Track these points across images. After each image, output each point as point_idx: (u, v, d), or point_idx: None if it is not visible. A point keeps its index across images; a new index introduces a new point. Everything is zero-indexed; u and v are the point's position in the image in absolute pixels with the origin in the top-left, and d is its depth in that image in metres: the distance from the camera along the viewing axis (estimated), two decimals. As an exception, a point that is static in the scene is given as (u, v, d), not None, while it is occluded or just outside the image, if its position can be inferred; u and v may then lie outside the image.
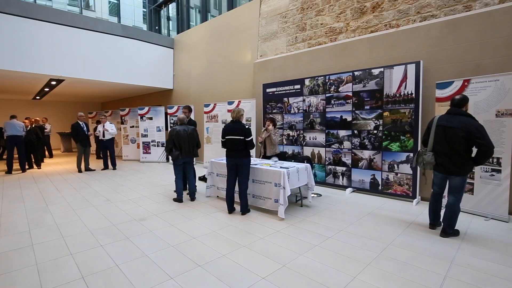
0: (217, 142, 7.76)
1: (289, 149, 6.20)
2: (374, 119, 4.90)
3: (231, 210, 4.05)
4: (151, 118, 9.24)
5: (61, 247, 3.02)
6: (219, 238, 3.19)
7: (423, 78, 4.46)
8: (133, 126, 9.99)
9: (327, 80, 5.54)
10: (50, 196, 5.13)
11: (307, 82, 5.86)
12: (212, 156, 7.29)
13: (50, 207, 4.43)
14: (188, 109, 5.58)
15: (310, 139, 5.84)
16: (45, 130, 10.34)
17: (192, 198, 4.75)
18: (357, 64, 5.36)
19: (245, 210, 3.98)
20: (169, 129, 8.81)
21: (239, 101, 7.05)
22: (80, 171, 7.49)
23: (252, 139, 3.89)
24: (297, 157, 5.41)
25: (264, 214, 4.00)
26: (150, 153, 9.29)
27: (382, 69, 4.80)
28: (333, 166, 5.50)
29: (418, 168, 4.32)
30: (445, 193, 3.39)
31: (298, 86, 6.03)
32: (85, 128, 7.55)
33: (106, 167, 7.97)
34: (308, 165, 4.36)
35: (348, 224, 3.60)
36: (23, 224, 3.72)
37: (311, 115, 5.79)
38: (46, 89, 10.65)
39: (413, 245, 2.99)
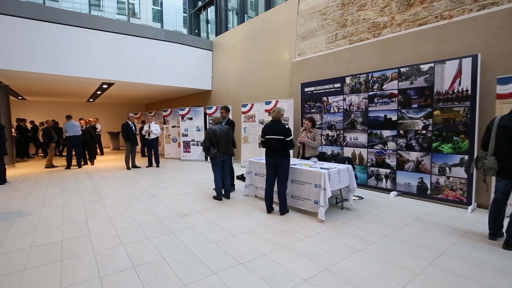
0: (255, 142, 7.84)
1: (328, 150, 6.04)
2: (422, 118, 4.58)
3: (269, 209, 4.05)
4: (191, 118, 9.61)
5: (114, 237, 3.26)
6: (259, 237, 3.21)
7: (481, 73, 4.05)
8: (174, 126, 10.49)
9: (369, 78, 5.29)
10: (103, 190, 5.58)
11: (348, 80, 5.66)
12: (249, 156, 7.38)
13: (103, 200, 4.82)
14: (226, 109, 5.69)
15: (350, 139, 5.63)
16: (97, 130, 11.27)
17: (227, 196, 4.84)
18: (403, 60, 5.05)
19: (284, 210, 3.96)
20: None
21: (277, 101, 7.04)
22: (128, 168, 8.05)
23: (292, 139, 3.86)
24: (338, 158, 5.25)
25: (303, 215, 3.94)
26: (190, 152, 9.67)
27: (432, 65, 4.46)
28: (375, 168, 5.24)
29: (475, 172, 3.94)
30: (510, 200, 3.05)
31: (338, 85, 5.84)
32: (133, 128, 8.10)
33: (150, 164, 8.46)
34: (350, 166, 4.21)
35: (393, 230, 3.40)
36: (81, 214, 4.09)
37: (352, 115, 5.58)
38: (98, 92, 11.61)
39: (470, 256, 2.73)
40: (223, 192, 4.85)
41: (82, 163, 8.71)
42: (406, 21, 5.18)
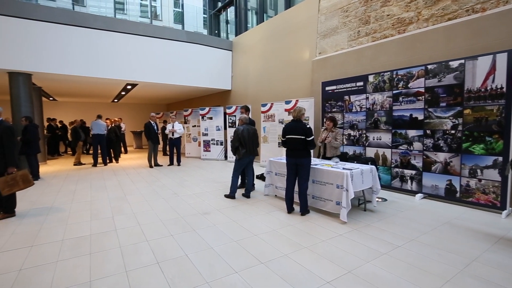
0: (274, 142, 7.81)
1: (349, 150, 5.91)
2: (451, 118, 4.37)
3: (290, 210, 4.02)
4: (211, 118, 9.73)
5: (139, 233, 3.36)
6: (280, 237, 3.20)
7: (518, 69, 3.81)
8: (195, 126, 10.67)
9: (394, 76, 5.12)
10: (127, 187, 5.77)
11: (371, 78, 5.50)
12: (269, 155, 7.36)
13: (127, 197, 4.99)
14: (245, 108, 5.73)
15: (373, 139, 5.48)
16: (121, 129, 11.68)
17: (248, 195, 4.86)
18: (430, 56, 4.84)
19: (304, 211, 3.92)
20: (227, 128, 9.18)
21: (297, 100, 6.98)
22: (151, 166, 8.28)
23: (313, 138, 3.80)
24: (360, 158, 5.12)
25: (324, 216, 3.88)
26: (210, 151, 9.80)
27: (462, 61, 4.24)
28: (400, 169, 5.07)
29: (510, 174, 3.71)
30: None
31: (360, 83, 5.70)
32: (155, 127, 8.32)
33: (171, 163, 8.66)
34: (373, 167, 4.09)
35: (420, 234, 3.27)
36: (107, 210, 4.26)
37: (375, 114, 5.42)
38: (123, 93, 12.04)
39: (506, 264, 2.57)
40: (242, 194, 4.88)
41: (108, 161, 9.06)
42: (433, 16, 4.96)
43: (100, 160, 8.91)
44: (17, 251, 2.93)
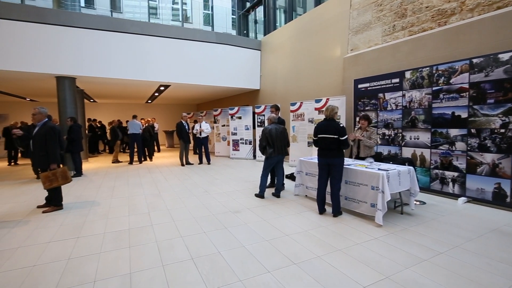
0: (303, 141, 7.71)
1: (384, 150, 5.66)
2: (501, 115, 4.01)
3: (321, 210, 3.94)
4: (240, 118, 9.83)
5: (173, 229, 3.48)
6: (312, 238, 3.14)
7: None
8: (224, 125, 10.85)
9: (434, 71, 4.81)
10: (161, 184, 6.01)
11: (408, 74, 5.23)
12: (298, 155, 7.28)
13: (162, 194, 5.19)
14: (276, 108, 5.70)
15: (410, 138, 5.20)
16: (155, 129, 12.19)
17: (278, 195, 4.84)
18: (476, 49, 4.48)
19: (337, 212, 3.82)
20: (256, 128, 9.21)
21: (327, 99, 6.82)
22: (182, 164, 8.56)
23: (347, 138, 3.69)
24: (397, 159, 4.88)
25: (358, 218, 3.75)
26: (239, 150, 9.91)
27: (514, 53, 3.88)
28: (440, 171, 4.76)
29: None
30: None
31: (396, 80, 5.43)
32: (187, 127, 8.59)
33: (201, 161, 8.87)
34: (412, 168, 3.88)
35: (465, 240, 3.04)
36: (144, 206, 4.46)
37: (413, 112, 5.14)
38: (156, 94, 12.55)
39: None
40: (272, 194, 4.88)
41: (143, 159, 9.51)
42: (480, 6, 4.59)
43: (135, 158, 9.37)
44: (65, 241, 3.17)
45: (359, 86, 6.22)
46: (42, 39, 7.14)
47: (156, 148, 12.52)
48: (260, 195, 4.79)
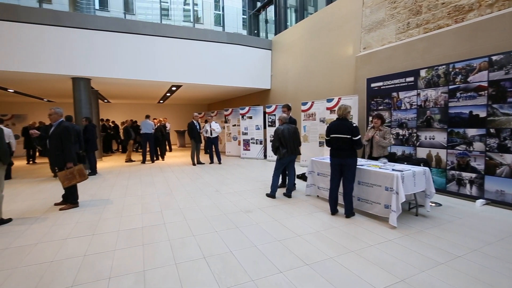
0: (315, 141, 7.65)
1: (398, 150, 5.54)
2: (522, 115, 3.86)
3: (334, 211, 3.89)
4: (250, 117, 9.83)
5: (185, 228, 3.51)
6: (324, 239, 3.11)
7: None
8: (235, 125, 10.88)
9: (450, 69, 4.68)
10: (173, 184, 6.08)
11: (423, 73, 5.10)
12: (310, 155, 7.23)
13: (174, 193, 5.25)
14: (288, 107, 5.68)
15: (425, 138, 5.07)
16: (167, 128, 12.34)
17: (289, 195, 4.81)
18: (495, 46, 4.33)
19: (349, 213, 3.76)
20: (267, 127, 9.20)
21: (339, 98, 6.74)
22: (193, 164, 8.64)
23: (360, 138, 3.63)
24: (411, 159, 4.78)
25: (371, 220, 3.69)
26: (249, 150, 9.91)
27: (537, 50, 3.73)
28: (457, 172, 4.62)
29: None
30: None
31: (411, 79, 5.31)
32: (198, 127, 8.66)
33: (212, 161, 8.93)
34: (427, 169, 3.78)
35: (484, 244, 2.94)
36: (156, 205, 4.52)
37: (428, 111, 5.01)
38: (168, 94, 12.71)
39: None
40: (283, 194, 4.87)
41: (155, 158, 9.65)
42: (499, 1, 4.43)
43: (148, 157, 9.52)
44: (81, 238, 3.25)
45: (372, 85, 6.11)
46: (58, 41, 7.34)
47: (168, 147, 12.68)
48: (272, 195, 4.77)
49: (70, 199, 4.47)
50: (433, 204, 4.19)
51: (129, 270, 2.52)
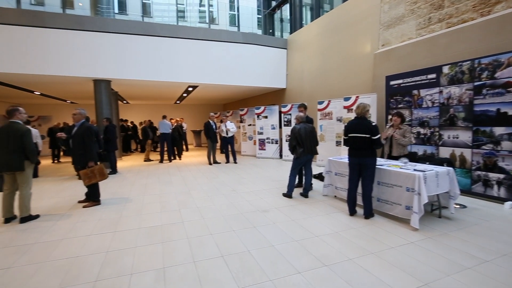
0: (331, 140, 7.54)
1: (419, 149, 5.37)
2: (555, 112, 3.64)
3: (352, 212, 3.82)
4: (266, 117, 9.82)
5: (203, 227, 3.55)
6: (343, 240, 3.05)
7: None
8: (250, 125, 10.91)
9: (476, 65, 4.48)
10: (190, 183, 6.17)
11: (445, 69, 4.91)
12: (326, 154, 7.13)
13: (191, 192, 5.33)
14: (304, 106, 5.62)
15: (448, 137, 4.88)
16: (183, 128, 12.54)
17: (306, 195, 4.77)
18: (526, 40, 4.11)
19: (369, 214, 3.68)
20: (282, 127, 9.16)
21: (357, 97, 6.61)
22: (210, 163, 8.73)
23: (379, 137, 3.55)
24: (434, 159, 4.61)
25: (391, 221, 3.59)
26: (265, 149, 9.91)
27: None
28: (483, 172, 4.42)
29: None
30: None
31: (432, 76, 5.13)
32: (214, 126, 8.74)
33: (228, 160, 8.99)
34: (451, 169, 3.64)
35: (514, 248, 2.80)
36: (174, 204, 4.60)
37: (451, 109, 4.82)
38: (184, 95, 12.91)
39: None
40: (300, 194, 4.83)
41: (172, 157, 9.83)
42: (530, -8, 4.20)
43: (165, 156, 9.71)
44: (103, 235, 3.35)
45: (391, 82, 5.95)
46: (81, 45, 7.62)
47: (184, 147, 12.88)
48: (288, 194, 4.75)
49: (92, 197, 4.63)
50: (458, 206, 4.03)
51: (149, 267, 2.57)
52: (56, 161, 10.28)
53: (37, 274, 2.50)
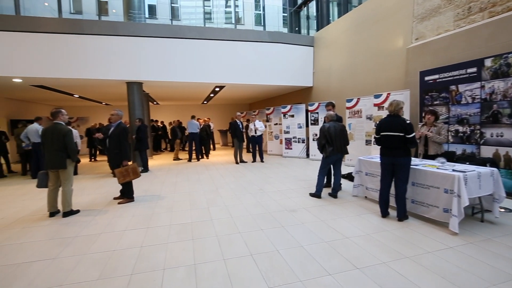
0: (361, 139, 7.31)
1: (457, 149, 5.04)
2: None
3: (384, 214, 3.67)
4: (292, 116, 9.74)
5: (232, 225, 3.60)
6: (375, 243, 2.94)
7: None
8: (276, 124, 10.87)
9: (524, 57, 4.11)
10: (218, 181, 6.27)
11: (488, 62, 4.56)
12: (355, 154, 6.93)
13: (219, 190, 5.42)
14: (332, 105, 5.50)
15: (492, 136, 4.53)
16: (211, 128, 12.78)
17: (335, 195, 4.66)
18: None
19: (402, 216, 3.51)
20: (309, 126, 9.02)
21: (388, 94, 6.34)
22: (237, 162, 8.83)
23: (414, 136, 3.37)
24: (475, 159, 4.31)
25: (427, 224, 3.40)
26: (291, 148, 9.83)
27: None
28: (532, 173, 4.05)
29: None
30: None
31: (473, 69, 4.78)
32: (240, 126, 8.82)
33: (254, 160, 9.03)
34: (496, 169, 3.37)
35: None
36: (203, 201, 4.71)
37: (495, 105, 4.46)
38: (211, 95, 13.16)
39: None
40: (329, 194, 4.74)
41: (200, 157, 10.07)
42: None
43: (193, 156, 9.96)
44: (137, 230, 3.51)
45: (426, 78, 5.64)
46: (115, 49, 8.02)
47: (212, 146, 13.14)
48: (317, 194, 4.67)
49: (126, 194, 4.86)
50: (503, 210, 3.73)
51: (181, 263, 2.65)
52: (93, 160, 10.93)
53: (79, 265, 2.67)
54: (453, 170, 3.28)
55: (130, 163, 4.77)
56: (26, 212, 4.40)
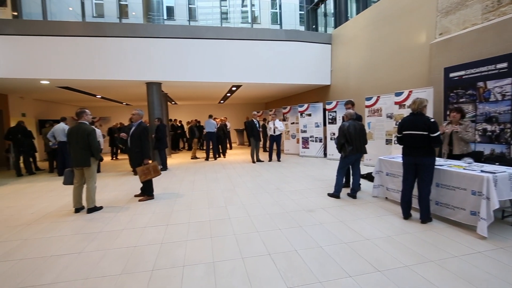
0: (381, 138, 7.12)
1: (485, 148, 4.79)
2: None
3: (406, 215, 3.56)
4: (310, 115, 9.63)
5: (249, 224, 3.61)
6: (397, 245, 2.86)
7: None
8: (293, 123, 10.79)
9: (561, 51, 3.84)
10: (235, 180, 6.31)
11: (520, 57, 4.30)
12: (375, 153, 6.76)
13: (236, 189, 5.45)
14: (351, 103, 5.38)
15: (524, 135, 4.27)
16: (227, 127, 12.88)
17: (354, 195, 4.56)
18: None
19: (426, 218, 3.39)
20: (327, 125, 8.89)
21: (410, 91, 6.13)
22: (253, 161, 8.84)
23: (439, 135, 3.24)
24: (505, 159, 4.09)
25: (452, 227, 3.27)
26: (308, 148, 9.73)
27: None
28: None
29: None
30: None
31: (503, 65, 4.53)
32: (257, 125, 8.82)
33: (271, 159, 9.01)
34: (529, 170, 3.18)
35: None
36: (221, 200, 4.75)
37: (528, 102, 4.21)
38: (228, 94, 13.25)
39: None
40: (347, 194, 4.66)
41: (217, 155, 10.17)
42: None
43: (211, 154, 10.07)
44: (158, 227, 3.59)
45: (451, 75, 5.40)
46: (135, 51, 8.24)
47: (228, 145, 13.23)
48: (335, 195, 4.59)
49: (147, 192, 4.99)
50: (536, 213, 3.51)
51: (200, 260, 2.69)
52: (114, 158, 11.30)
53: (103, 260, 2.77)
54: (482, 171, 3.12)
55: (150, 161, 4.89)
56: (54, 208, 4.61)
